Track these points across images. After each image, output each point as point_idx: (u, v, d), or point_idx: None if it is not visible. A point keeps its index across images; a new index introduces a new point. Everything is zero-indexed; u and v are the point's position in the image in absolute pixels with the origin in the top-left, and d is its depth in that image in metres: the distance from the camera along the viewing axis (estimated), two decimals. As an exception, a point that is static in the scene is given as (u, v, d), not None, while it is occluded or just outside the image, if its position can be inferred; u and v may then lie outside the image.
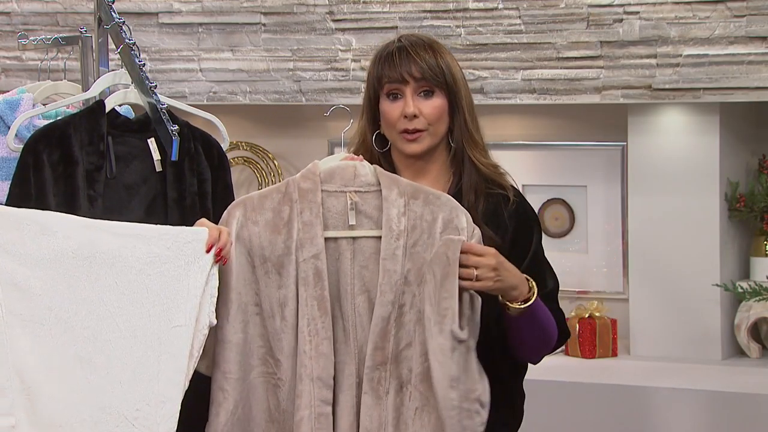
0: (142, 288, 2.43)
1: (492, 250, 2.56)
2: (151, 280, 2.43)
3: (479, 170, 2.75)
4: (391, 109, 2.73)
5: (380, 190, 2.63)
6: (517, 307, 2.61)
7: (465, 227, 2.59)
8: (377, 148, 2.78)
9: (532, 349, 2.74)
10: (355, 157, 2.68)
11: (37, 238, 2.37)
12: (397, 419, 2.57)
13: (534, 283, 2.63)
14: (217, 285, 2.51)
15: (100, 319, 2.39)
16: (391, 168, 2.78)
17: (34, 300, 2.34)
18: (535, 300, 2.62)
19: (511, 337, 2.69)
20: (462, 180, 2.76)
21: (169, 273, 2.44)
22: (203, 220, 2.56)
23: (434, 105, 2.71)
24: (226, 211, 2.64)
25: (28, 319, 2.34)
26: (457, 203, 2.62)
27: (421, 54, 2.71)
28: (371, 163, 2.74)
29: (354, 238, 2.62)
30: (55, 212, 2.48)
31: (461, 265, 2.53)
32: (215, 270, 2.49)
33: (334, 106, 2.86)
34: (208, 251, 2.48)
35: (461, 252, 2.53)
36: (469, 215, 2.61)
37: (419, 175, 2.76)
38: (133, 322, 2.41)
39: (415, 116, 2.70)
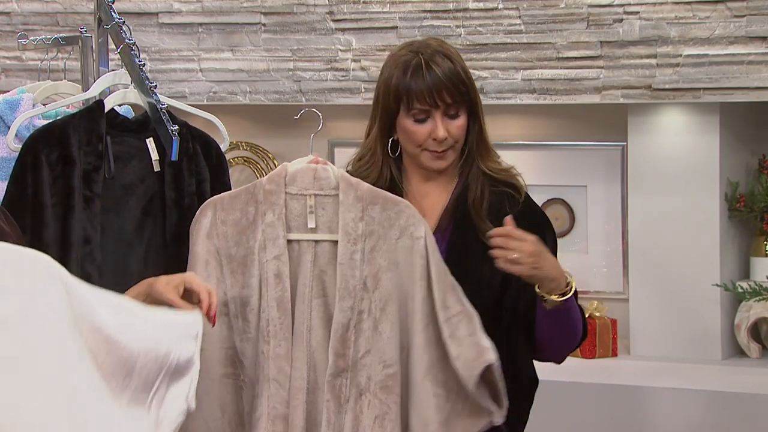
0: None
1: (532, 237, 2.60)
2: None
3: (486, 173, 2.77)
4: (418, 129, 2.72)
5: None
6: (554, 299, 2.64)
7: (422, 236, 2.59)
8: (390, 153, 2.78)
9: (559, 348, 2.77)
10: (320, 159, 2.68)
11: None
12: (356, 427, 2.57)
13: (573, 279, 2.66)
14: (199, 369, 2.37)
15: None
16: (400, 173, 2.79)
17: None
18: (572, 294, 2.65)
19: (541, 333, 2.71)
20: (468, 179, 2.76)
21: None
22: (190, 275, 2.49)
23: (459, 125, 2.73)
24: (198, 210, 2.67)
25: None
26: (416, 211, 2.62)
27: (446, 71, 2.70)
28: (381, 168, 2.76)
29: (316, 241, 2.63)
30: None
31: (500, 247, 2.58)
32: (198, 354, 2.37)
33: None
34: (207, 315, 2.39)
35: (501, 235, 2.59)
36: (427, 225, 2.61)
37: (428, 179, 2.78)
38: None
39: (444, 138, 2.72)
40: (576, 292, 2.68)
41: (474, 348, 2.52)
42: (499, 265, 2.61)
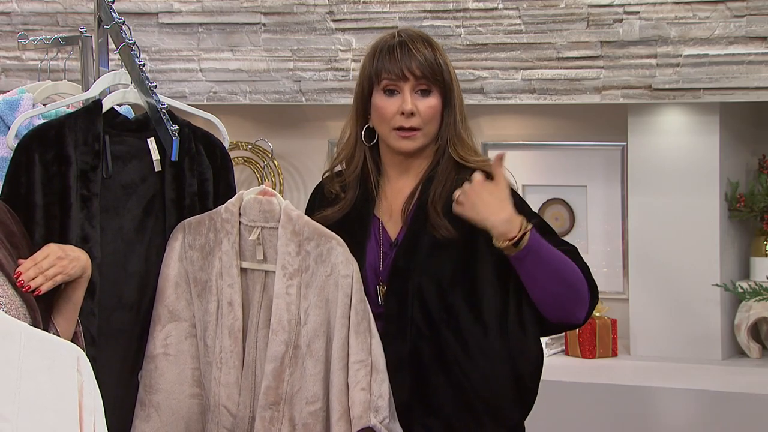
0: None
1: (482, 184, 2.59)
2: None
3: (457, 163, 2.71)
4: (387, 104, 2.70)
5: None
6: (506, 245, 2.58)
7: (350, 275, 2.59)
8: (365, 142, 2.77)
9: (559, 301, 2.65)
10: (269, 191, 2.69)
11: None
12: None
13: (527, 223, 2.58)
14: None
15: None
16: (376, 163, 2.78)
17: None
18: (528, 238, 2.57)
19: (532, 293, 2.64)
20: (437, 170, 2.72)
21: None
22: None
23: (430, 104, 2.70)
24: (171, 233, 2.75)
25: None
26: (347, 249, 2.61)
27: (421, 50, 2.68)
28: (354, 154, 2.76)
29: (266, 271, 2.67)
30: None
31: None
32: None
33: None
34: None
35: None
36: (355, 263, 2.60)
37: (404, 171, 2.76)
38: None
39: (412, 114, 2.68)
40: (538, 237, 2.59)
41: (361, 405, 2.55)
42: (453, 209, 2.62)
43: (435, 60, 2.69)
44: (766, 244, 4.40)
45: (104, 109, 2.82)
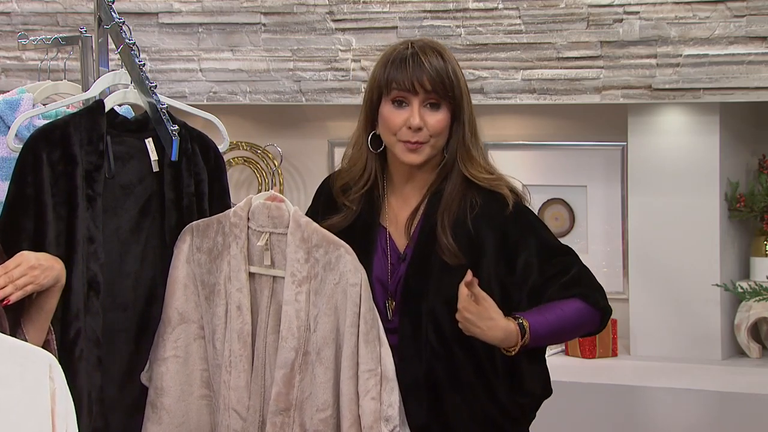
0: None
1: (466, 305, 2.58)
2: None
3: (468, 179, 2.70)
4: (394, 116, 2.68)
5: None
6: (516, 350, 2.63)
7: (358, 283, 2.59)
8: (372, 149, 2.75)
9: (573, 338, 2.85)
10: (278, 196, 2.68)
11: None
12: None
13: (523, 320, 2.62)
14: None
15: None
16: (383, 169, 2.77)
17: None
18: (530, 337, 2.62)
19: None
20: (445, 184, 2.71)
21: None
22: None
23: (439, 118, 2.67)
24: (179, 235, 2.75)
25: None
26: (355, 257, 2.60)
27: (433, 63, 2.65)
28: (366, 162, 2.74)
29: (274, 276, 2.66)
30: None
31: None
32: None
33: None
34: None
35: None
36: (364, 272, 2.60)
37: (409, 180, 2.75)
38: None
39: (419, 128, 2.66)
40: (537, 319, 2.63)
41: (372, 414, 2.55)
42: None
43: (446, 74, 2.66)
44: (766, 244, 4.40)
45: (106, 109, 2.82)
